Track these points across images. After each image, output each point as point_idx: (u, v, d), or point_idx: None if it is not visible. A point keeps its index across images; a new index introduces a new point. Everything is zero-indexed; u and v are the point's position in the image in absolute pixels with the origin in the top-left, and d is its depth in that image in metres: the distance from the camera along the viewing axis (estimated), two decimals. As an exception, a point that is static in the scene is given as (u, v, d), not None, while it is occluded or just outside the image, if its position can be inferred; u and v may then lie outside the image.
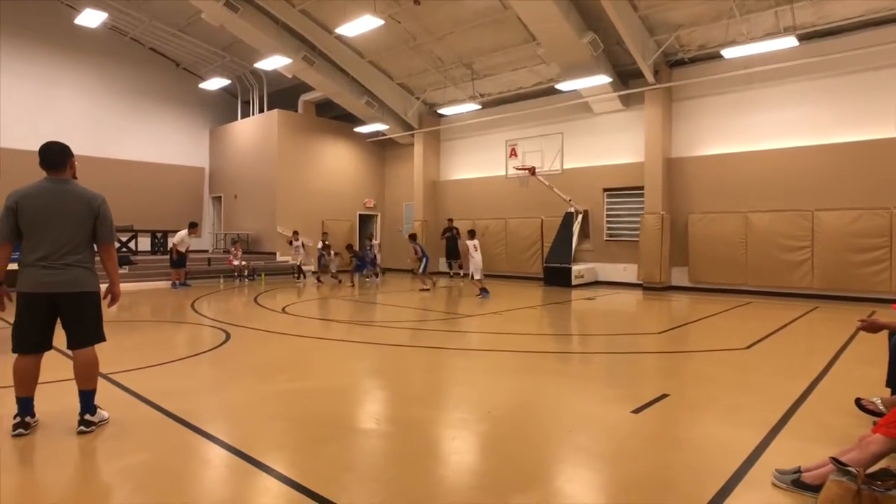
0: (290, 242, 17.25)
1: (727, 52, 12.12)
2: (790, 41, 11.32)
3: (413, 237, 14.64)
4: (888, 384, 3.90)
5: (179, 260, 14.15)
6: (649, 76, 13.48)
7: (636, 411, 4.13)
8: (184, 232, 14.20)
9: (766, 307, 10.71)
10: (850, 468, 2.48)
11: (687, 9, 12.25)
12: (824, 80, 12.07)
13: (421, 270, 13.86)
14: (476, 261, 12.44)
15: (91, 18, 14.90)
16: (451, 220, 17.61)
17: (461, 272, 17.00)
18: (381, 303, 11.82)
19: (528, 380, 5.25)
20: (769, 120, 12.84)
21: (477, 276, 12.43)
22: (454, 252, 17.19)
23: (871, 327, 3.80)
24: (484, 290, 12.18)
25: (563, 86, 14.46)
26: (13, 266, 3.48)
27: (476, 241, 12.60)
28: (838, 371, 5.53)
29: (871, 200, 11.37)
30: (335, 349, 6.86)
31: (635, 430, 3.79)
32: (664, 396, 4.52)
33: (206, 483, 3.03)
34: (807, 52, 11.85)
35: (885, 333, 3.95)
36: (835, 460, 2.58)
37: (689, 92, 13.98)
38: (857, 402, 3.94)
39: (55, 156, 3.63)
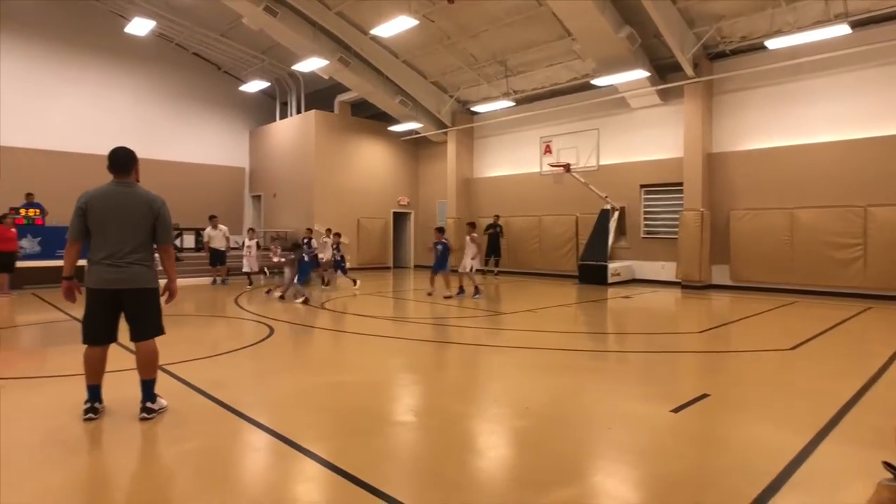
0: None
1: (772, 43, 11.73)
2: (842, 29, 10.83)
3: (440, 230, 12.10)
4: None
5: (214, 257, 14.46)
6: (689, 70, 13.17)
7: (675, 410, 4.09)
8: (208, 228, 14.56)
9: (813, 307, 10.37)
10: (901, 471, 2.41)
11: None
12: (879, 69, 11.50)
13: (435, 270, 12.01)
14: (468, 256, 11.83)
15: (140, 27, 15.53)
16: (497, 217, 17.23)
17: (495, 270, 16.77)
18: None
19: (564, 377, 5.25)
20: (818, 112, 12.36)
21: (466, 270, 11.90)
22: (496, 249, 16.82)
23: None
24: (461, 290, 11.70)
25: (599, 81, 14.27)
26: (82, 262, 3.72)
27: (475, 234, 12.11)
28: (894, 374, 5.33)
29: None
30: (374, 344, 7.00)
31: (675, 429, 3.77)
32: (704, 396, 4.46)
33: (256, 468, 3.19)
34: (860, 40, 11.30)
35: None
36: (887, 464, 2.51)
37: (731, 85, 13.60)
38: None
39: (122, 160, 3.88)
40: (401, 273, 19.42)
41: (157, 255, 4.00)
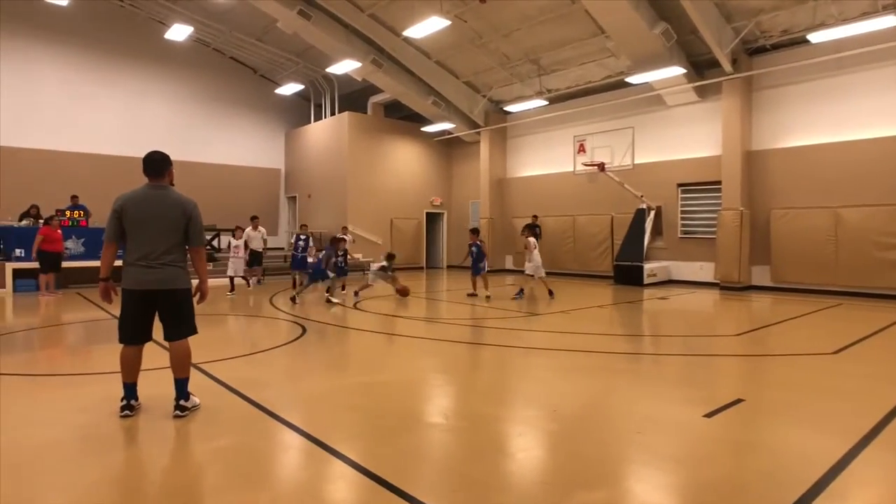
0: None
1: (814, 37, 11.32)
2: (889, 20, 10.39)
3: (475, 231, 12.28)
4: None
5: (252, 258, 14.41)
6: (727, 66, 12.82)
7: (709, 415, 4.01)
8: (248, 228, 14.40)
9: (859, 309, 9.95)
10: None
11: (769, -8, 11.55)
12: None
13: (474, 272, 12.02)
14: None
15: (179, 33, 16.08)
16: (535, 217, 16.92)
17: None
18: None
19: (596, 379, 5.20)
20: (864, 107, 11.86)
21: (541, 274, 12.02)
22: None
23: None
24: (520, 292, 11.79)
25: (633, 79, 14.03)
26: (118, 263, 3.87)
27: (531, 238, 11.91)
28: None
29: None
30: (406, 345, 7.06)
31: (707, 434, 3.69)
32: (739, 401, 4.35)
33: (286, 466, 3.27)
34: (908, 32, 10.83)
35: None
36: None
37: (771, 80, 13.17)
38: None
39: (156, 164, 4.00)
40: (434, 273, 19.51)
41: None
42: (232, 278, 12.90)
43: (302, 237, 13.67)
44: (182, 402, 3.97)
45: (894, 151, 11.36)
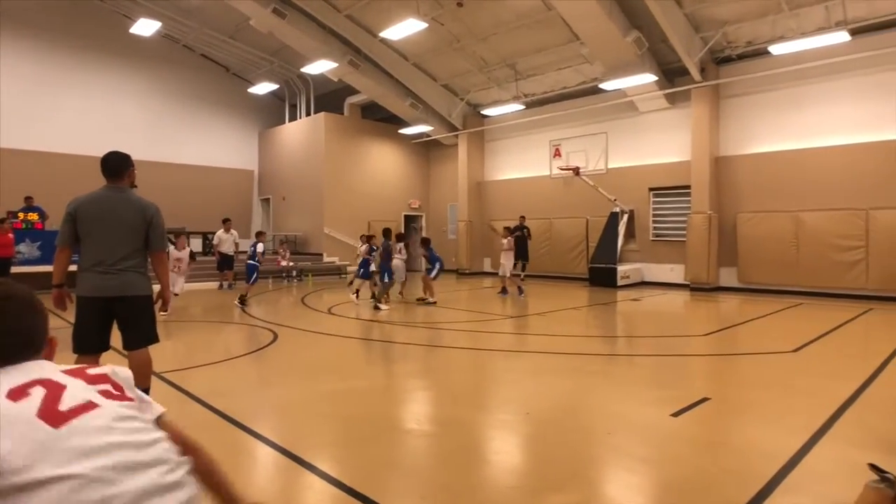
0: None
1: (775, 49, 11.73)
2: (842, 36, 10.88)
3: (425, 243, 12.37)
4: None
5: (223, 261, 14.30)
6: (696, 74, 13.19)
7: (675, 415, 4.16)
8: (220, 231, 14.29)
9: (817, 308, 10.35)
10: (888, 475, 2.47)
11: (733, 4, 11.92)
12: (879, 76, 11.54)
13: (433, 276, 11.93)
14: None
15: (145, 28, 15.65)
16: (522, 218, 16.31)
17: (521, 275, 15.85)
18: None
19: (569, 381, 5.32)
20: (821, 117, 12.36)
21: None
22: (523, 253, 15.48)
23: None
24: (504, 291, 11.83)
25: (607, 85, 14.30)
26: (73, 268, 3.71)
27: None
28: (890, 374, 5.38)
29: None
30: (380, 350, 7.10)
31: (674, 434, 3.83)
32: (704, 400, 4.52)
33: (253, 479, 3.18)
34: (859, 47, 11.33)
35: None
36: (873, 466, 2.58)
37: (737, 89, 13.59)
38: None
39: (115, 165, 3.82)
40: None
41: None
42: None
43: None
44: None
45: (850, 159, 11.86)
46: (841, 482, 2.96)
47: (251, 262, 11.10)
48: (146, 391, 3.85)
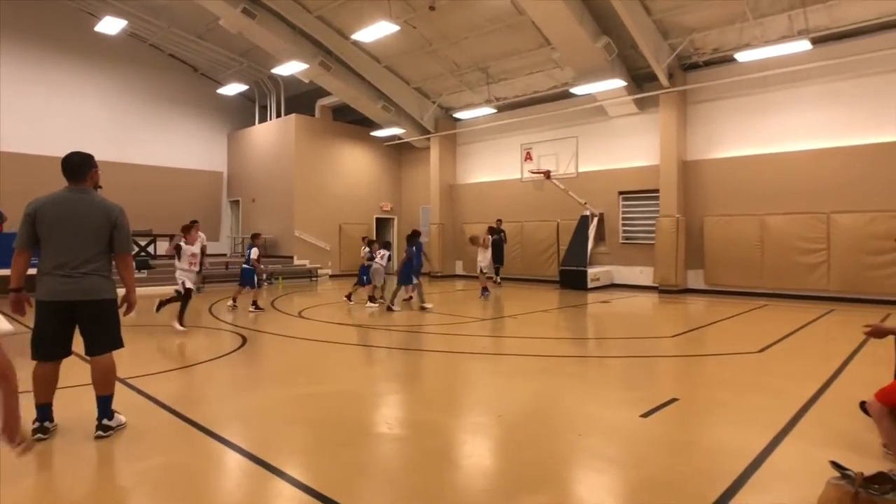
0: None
1: (741, 56, 12.06)
2: (804, 44, 11.26)
3: (370, 242, 11.69)
4: (897, 380, 3.91)
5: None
6: (664, 80, 13.46)
7: (645, 415, 4.19)
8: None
9: (781, 310, 10.64)
10: (848, 472, 2.53)
11: (700, 12, 12.22)
12: (839, 83, 11.97)
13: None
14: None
15: (111, 26, 15.22)
16: (499, 222, 16.34)
17: (497, 279, 16.04)
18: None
19: (540, 383, 5.33)
20: (785, 123, 12.75)
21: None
22: (499, 256, 15.72)
23: (877, 333, 3.82)
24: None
25: (577, 90, 14.49)
26: (32, 271, 3.59)
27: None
28: (850, 374, 5.54)
29: (885, 203, 11.25)
30: (351, 353, 7.00)
31: (644, 434, 3.86)
32: (673, 400, 4.57)
33: (221, 487, 3.11)
34: (821, 56, 11.76)
35: (893, 338, 3.95)
36: (834, 464, 2.64)
37: (704, 95, 13.92)
38: (862, 405, 3.96)
39: (76, 167, 3.71)
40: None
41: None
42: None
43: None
44: (105, 422, 3.68)
45: (812, 164, 12.25)
46: (805, 479, 3.01)
47: (246, 266, 10.87)
48: (109, 398, 3.72)
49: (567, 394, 4.95)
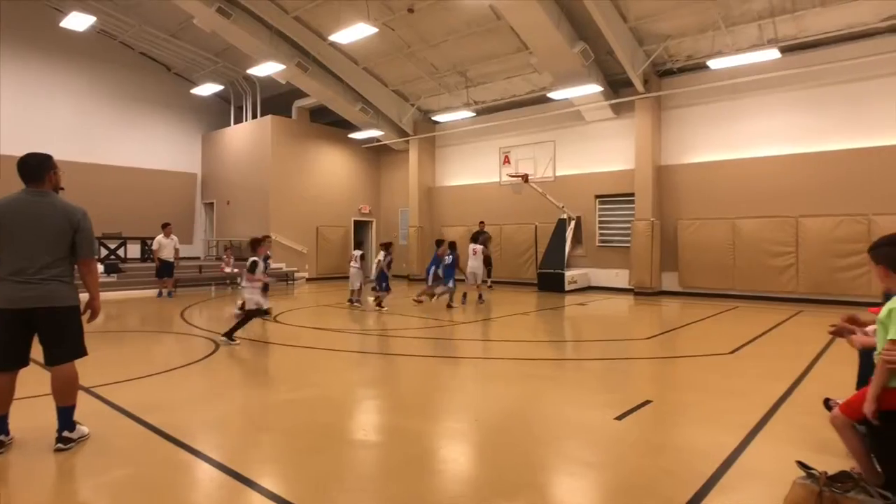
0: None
1: (713, 63, 12.32)
2: (773, 53, 11.57)
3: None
4: (858, 386, 4.01)
5: (163, 268, 13.70)
6: (639, 85, 13.67)
7: (619, 418, 4.23)
8: (159, 235, 13.72)
9: (752, 311, 10.87)
10: (814, 471, 2.59)
11: (674, 20, 12.45)
12: (806, 91, 12.33)
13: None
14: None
15: (78, 22, 14.78)
16: (482, 224, 15.86)
17: (489, 282, 15.81)
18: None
19: (518, 387, 5.34)
20: (755, 129, 13.06)
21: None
22: (486, 260, 14.69)
23: (840, 332, 3.92)
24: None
25: (555, 94, 14.62)
26: None
27: (358, 254, 11.84)
28: (818, 373, 5.69)
29: (850, 207, 11.61)
30: (326, 358, 6.93)
31: (618, 436, 3.89)
32: (647, 402, 4.62)
33: (189, 499, 3.00)
34: (789, 64, 12.09)
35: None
36: (801, 464, 2.69)
37: (678, 101, 14.18)
38: (826, 402, 4.06)
39: (32, 168, 3.56)
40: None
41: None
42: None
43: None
44: (66, 434, 3.53)
45: (781, 169, 12.56)
46: (773, 479, 3.06)
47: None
48: (71, 409, 3.58)
49: (544, 397, 4.97)
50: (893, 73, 11.25)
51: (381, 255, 11.57)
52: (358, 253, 12.00)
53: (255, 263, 7.70)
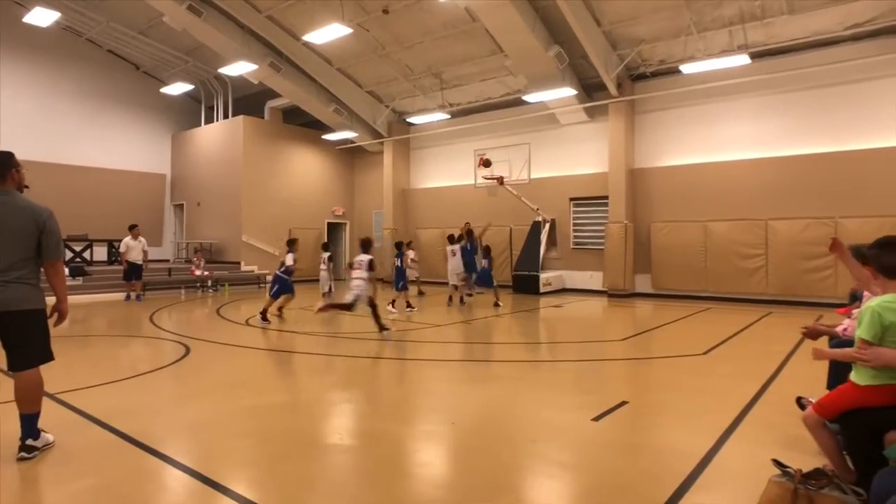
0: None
1: (685, 68, 12.54)
2: (743, 59, 11.82)
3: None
4: (828, 386, 4.09)
5: (131, 271, 13.31)
6: (612, 89, 13.83)
7: (596, 419, 4.22)
8: (127, 238, 13.38)
9: (724, 313, 11.06)
10: (788, 469, 2.60)
11: (648, 25, 12.64)
12: (775, 97, 12.62)
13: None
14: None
15: (41, 17, 14.29)
16: (467, 224, 14.18)
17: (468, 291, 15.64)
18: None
19: (494, 389, 5.30)
20: (726, 133, 13.33)
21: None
22: (468, 265, 13.58)
23: (812, 334, 4.01)
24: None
25: (529, 97, 14.69)
26: None
27: (326, 255, 11.88)
28: (789, 373, 5.78)
29: (818, 210, 11.92)
30: (300, 362, 6.79)
31: (595, 438, 3.88)
32: (623, 403, 4.62)
33: None
34: (759, 70, 12.37)
35: (826, 338, 4.15)
36: (776, 462, 2.71)
37: (651, 105, 14.39)
38: (798, 401, 4.12)
39: None
40: (335, 285, 19.03)
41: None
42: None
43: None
44: (29, 442, 3.40)
45: (751, 173, 12.84)
46: (748, 478, 3.08)
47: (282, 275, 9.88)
48: (35, 416, 3.44)
49: (520, 399, 4.94)
50: (857, 80, 11.60)
51: (396, 253, 11.67)
52: (326, 255, 11.86)
53: (371, 261, 8.26)
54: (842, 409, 2.71)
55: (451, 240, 12.70)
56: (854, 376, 2.73)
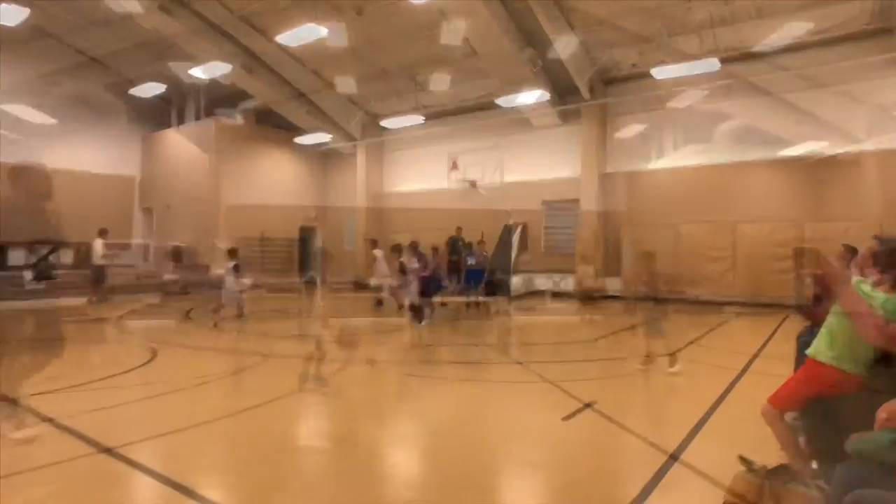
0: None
1: (657, 72, 12.74)
2: (713, 63, 12.02)
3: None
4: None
5: (97, 275, 13.13)
6: (585, 92, 14.01)
7: (566, 419, 4.25)
8: (94, 241, 13.19)
9: (692, 314, 11.26)
10: (753, 465, 2.65)
11: (620, 29, 12.82)
12: (745, 101, 12.92)
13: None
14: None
15: (10, 16, 13.75)
16: (459, 230, 14.12)
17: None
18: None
19: (466, 391, 5.31)
20: (696, 137, 13.61)
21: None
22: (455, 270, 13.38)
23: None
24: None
25: (502, 100, 14.77)
26: None
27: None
28: (754, 372, 5.90)
29: (783, 214, 12.25)
30: (270, 365, 6.68)
31: (564, 438, 3.91)
32: (592, 403, 4.66)
33: None
34: (728, 75, 12.63)
35: (793, 336, 4.22)
36: (741, 458, 2.76)
37: (623, 108, 14.60)
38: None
39: None
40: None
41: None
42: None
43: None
44: None
45: (719, 177, 13.15)
46: (715, 474, 3.13)
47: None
48: None
49: (492, 401, 4.95)
50: (825, 84, 11.89)
51: (406, 256, 10.07)
52: (231, 263, 10.05)
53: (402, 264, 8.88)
54: (799, 398, 2.68)
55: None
56: (815, 351, 2.64)
